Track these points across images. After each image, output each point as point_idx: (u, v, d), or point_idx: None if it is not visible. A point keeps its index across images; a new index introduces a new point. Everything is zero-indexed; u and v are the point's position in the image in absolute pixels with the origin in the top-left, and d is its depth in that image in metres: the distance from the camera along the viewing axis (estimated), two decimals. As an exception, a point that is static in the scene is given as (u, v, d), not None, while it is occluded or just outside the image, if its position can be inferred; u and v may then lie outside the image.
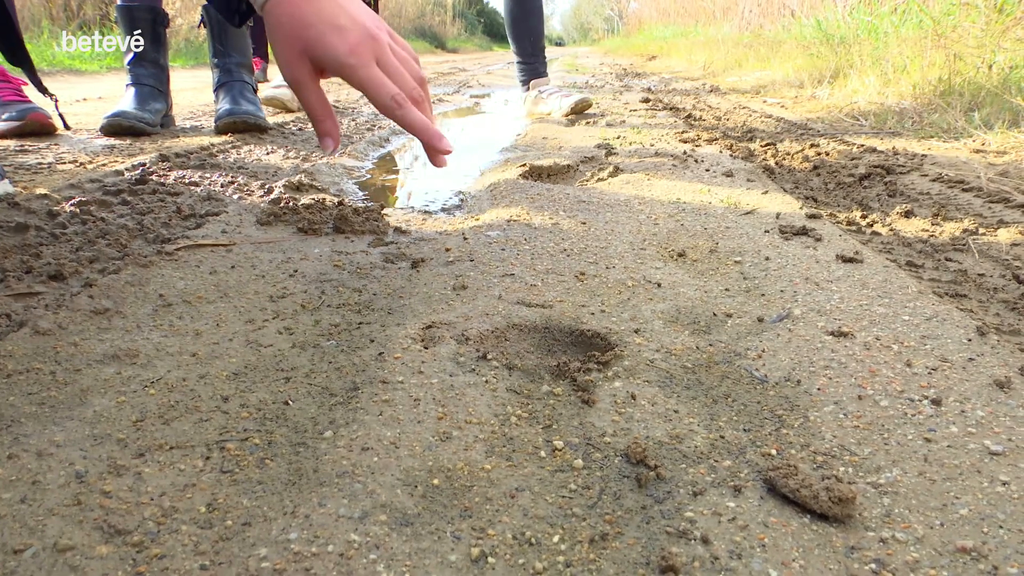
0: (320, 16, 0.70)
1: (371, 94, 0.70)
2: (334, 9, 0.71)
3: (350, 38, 0.69)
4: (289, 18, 0.70)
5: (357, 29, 0.70)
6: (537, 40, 2.56)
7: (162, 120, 1.97)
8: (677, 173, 1.39)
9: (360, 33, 0.70)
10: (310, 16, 0.70)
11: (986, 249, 0.91)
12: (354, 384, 0.55)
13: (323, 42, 0.69)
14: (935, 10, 2.69)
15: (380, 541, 0.38)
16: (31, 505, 0.40)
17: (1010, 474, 0.44)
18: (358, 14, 0.72)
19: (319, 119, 0.74)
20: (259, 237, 0.95)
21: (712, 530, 0.40)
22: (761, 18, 6.48)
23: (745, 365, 0.59)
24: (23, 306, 0.68)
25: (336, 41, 0.69)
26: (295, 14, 0.70)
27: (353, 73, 0.69)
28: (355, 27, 0.70)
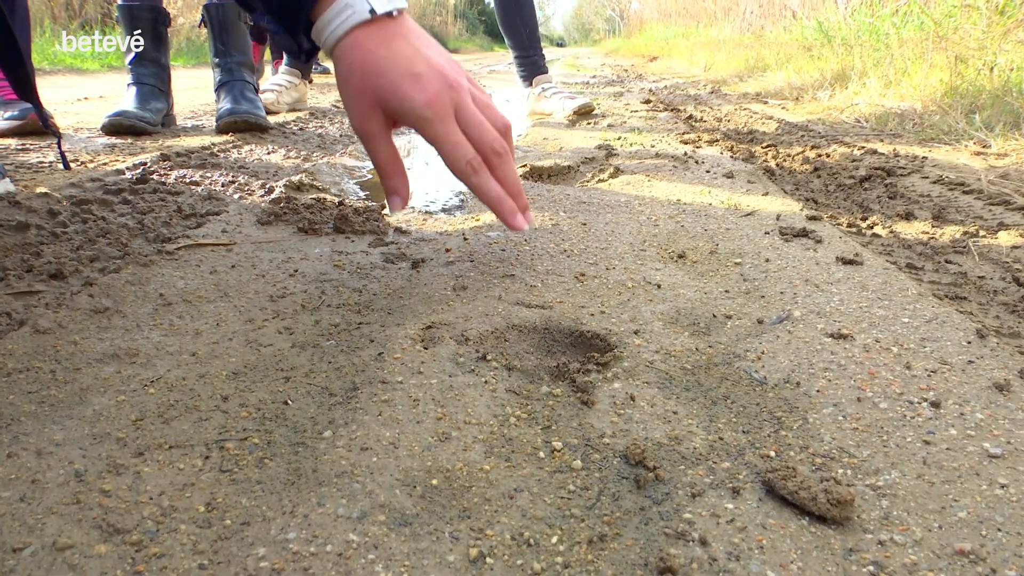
0: (395, 63, 0.65)
1: (446, 154, 0.66)
2: (410, 55, 0.65)
3: (428, 88, 0.64)
4: (361, 65, 0.65)
5: (435, 77, 0.65)
6: (532, 32, 2.51)
7: (163, 119, 1.97)
8: (678, 174, 1.39)
9: (438, 82, 0.65)
10: (384, 63, 0.65)
11: (986, 251, 0.91)
12: (353, 384, 0.55)
13: (398, 93, 0.64)
14: (936, 12, 2.70)
15: (379, 541, 0.38)
16: (30, 504, 0.40)
17: (1009, 477, 0.44)
18: (436, 59, 0.67)
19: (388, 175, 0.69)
20: (259, 237, 0.95)
21: (710, 531, 0.40)
22: (762, 19, 6.48)
23: (744, 367, 0.59)
24: (23, 304, 0.68)
25: (412, 92, 0.64)
26: (368, 60, 0.65)
27: (429, 127, 0.65)
28: (433, 75, 0.65)
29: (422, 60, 0.65)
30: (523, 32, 2.48)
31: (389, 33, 0.66)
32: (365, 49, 0.65)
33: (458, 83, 0.67)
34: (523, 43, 2.50)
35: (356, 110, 0.67)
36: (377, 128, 0.67)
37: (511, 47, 2.54)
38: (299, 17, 0.67)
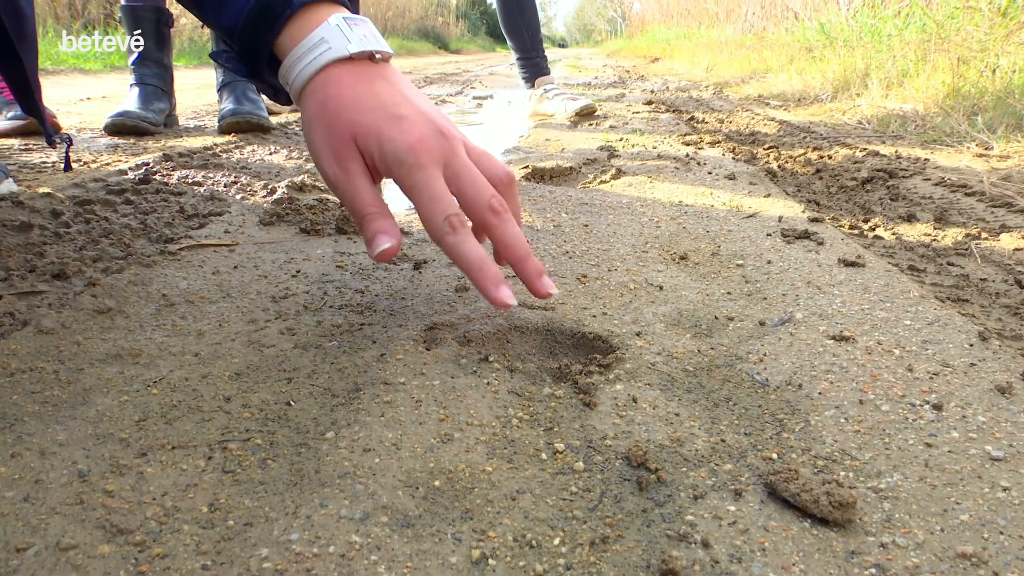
0: (378, 101, 0.56)
1: (422, 207, 0.55)
2: (395, 97, 0.57)
3: (413, 131, 0.55)
4: (336, 99, 0.56)
5: (422, 121, 0.56)
6: (534, 34, 2.51)
7: (166, 120, 1.98)
8: (679, 176, 1.39)
9: (426, 127, 0.56)
10: (363, 100, 0.56)
11: (988, 254, 0.91)
12: (356, 385, 0.55)
13: (379, 130, 0.55)
14: (938, 13, 2.69)
15: (381, 542, 0.38)
16: (33, 504, 0.41)
17: (1011, 480, 0.44)
18: (424, 105, 0.58)
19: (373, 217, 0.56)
20: (262, 237, 0.95)
21: (712, 534, 0.40)
22: (764, 20, 6.48)
23: (746, 369, 0.59)
24: (27, 305, 0.68)
25: (395, 132, 0.55)
26: (344, 95, 0.56)
27: (408, 175, 0.55)
28: (419, 119, 0.56)
29: (408, 104, 0.57)
30: (525, 33, 2.47)
31: (371, 74, 0.58)
32: (342, 84, 0.56)
33: (449, 131, 0.58)
34: (525, 44, 2.50)
35: (329, 149, 0.57)
36: (356, 170, 0.56)
37: (513, 48, 2.54)
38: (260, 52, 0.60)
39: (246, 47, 0.61)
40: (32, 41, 0.84)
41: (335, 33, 0.57)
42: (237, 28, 0.60)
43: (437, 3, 16.94)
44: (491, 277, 0.55)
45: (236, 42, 0.61)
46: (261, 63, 0.61)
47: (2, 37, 0.79)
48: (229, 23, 0.60)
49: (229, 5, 0.59)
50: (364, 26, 0.60)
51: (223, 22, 0.61)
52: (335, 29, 0.57)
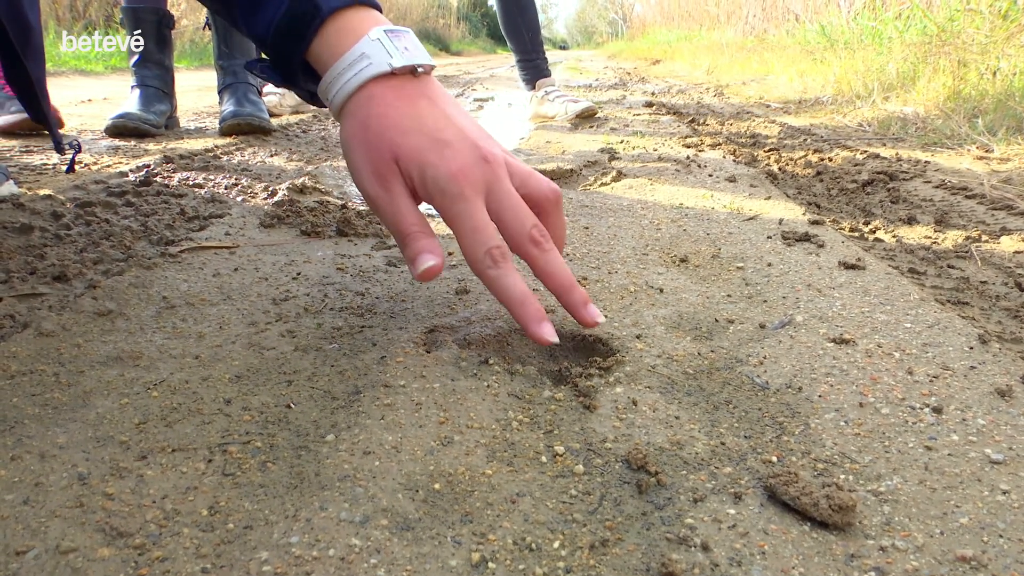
0: (421, 123, 0.55)
1: (463, 238, 0.55)
2: (438, 119, 0.56)
3: (457, 158, 0.54)
4: (379, 119, 0.55)
5: (466, 148, 0.55)
6: (535, 35, 2.50)
7: (166, 121, 1.98)
8: (680, 178, 1.39)
9: (470, 154, 0.55)
10: (406, 121, 0.55)
11: (989, 256, 0.91)
12: (356, 388, 0.55)
13: (422, 156, 0.54)
14: (939, 16, 2.70)
15: (381, 545, 0.38)
16: (33, 507, 0.41)
17: (1011, 483, 0.44)
18: (468, 128, 0.57)
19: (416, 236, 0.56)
20: (262, 240, 0.95)
21: (712, 537, 0.40)
22: (765, 22, 6.48)
23: (746, 371, 0.59)
24: (27, 307, 0.69)
25: (438, 159, 0.54)
26: (387, 115, 0.55)
27: (450, 205, 0.54)
28: (464, 145, 0.55)
29: (452, 127, 0.56)
30: (525, 35, 2.47)
31: (413, 91, 0.57)
32: (384, 102, 0.55)
33: (493, 156, 0.56)
34: (525, 46, 2.49)
35: (370, 169, 0.56)
36: (398, 190, 0.56)
37: (513, 50, 2.54)
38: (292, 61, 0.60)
39: (278, 56, 0.60)
40: (39, 51, 0.84)
41: (376, 47, 0.56)
42: (268, 37, 0.59)
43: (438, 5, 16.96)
44: (533, 315, 0.55)
45: (268, 51, 0.61)
46: (295, 71, 0.61)
47: (8, 48, 0.79)
48: (261, 31, 0.60)
49: (260, 14, 0.59)
50: (406, 37, 0.59)
51: (255, 30, 0.60)
52: (376, 43, 0.56)
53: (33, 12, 0.80)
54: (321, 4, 0.57)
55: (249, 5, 0.60)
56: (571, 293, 0.58)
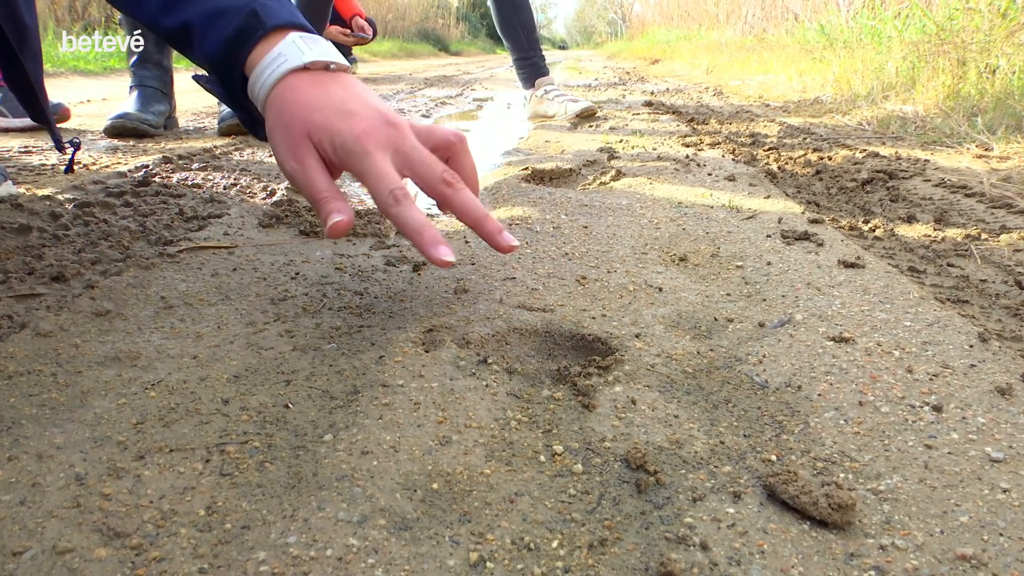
0: (329, 100, 0.62)
1: (371, 186, 0.60)
2: (345, 95, 0.63)
3: (363, 123, 0.61)
4: (292, 103, 0.62)
5: (370, 114, 0.62)
6: (531, 34, 2.48)
7: (165, 122, 1.98)
8: (679, 177, 1.39)
9: (374, 119, 0.62)
10: (316, 100, 0.62)
11: (988, 255, 0.90)
12: (354, 387, 0.55)
13: (329, 126, 0.61)
14: (938, 15, 2.69)
15: (379, 545, 0.38)
16: (30, 507, 0.40)
17: (1011, 481, 0.44)
18: (374, 101, 0.64)
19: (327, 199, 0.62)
20: (261, 239, 0.95)
21: (711, 536, 0.40)
22: (764, 22, 6.48)
23: (746, 370, 0.59)
24: (25, 307, 0.68)
25: (343, 125, 0.61)
26: (298, 99, 0.62)
27: (357, 162, 0.60)
28: (368, 112, 0.62)
29: (358, 100, 0.63)
30: (521, 34, 2.45)
31: (325, 79, 0.64)
32: (297, 89, 0.62)
33: (396, 120, 0.63)
34: (522, 45, 2.48)
35: (287, 145, 0.62)
36: (311, 163, 0.62)
37: (510, 49, 2.52)
38: (233, 73, 0.65)
39: (223, 70, 0.66)
40: (36, 52, 0.85)
41: (291, 48, 0.64)
42: (217, 53, 0.65)
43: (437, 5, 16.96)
44: (429, 239, 0.60)
45: (214, 67, 0.67)
46: (235, 84, 0.67)
47: (6, 48, 0.79)
48: (211, 49, 0.66)
49: (213, 33, 0.65)
50: (321, 43, 0.66)
51: (207, 49, 0.66)
52: (291, 44, 0.64)
53: (29, 13, 0.80)
54: (266, 21, 0.64)
55: (206, 26, 0.66)
56: (484, 223, 0.64)
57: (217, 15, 0.65)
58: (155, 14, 0.68)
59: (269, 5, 0.65)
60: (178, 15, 0.67)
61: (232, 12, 0.65)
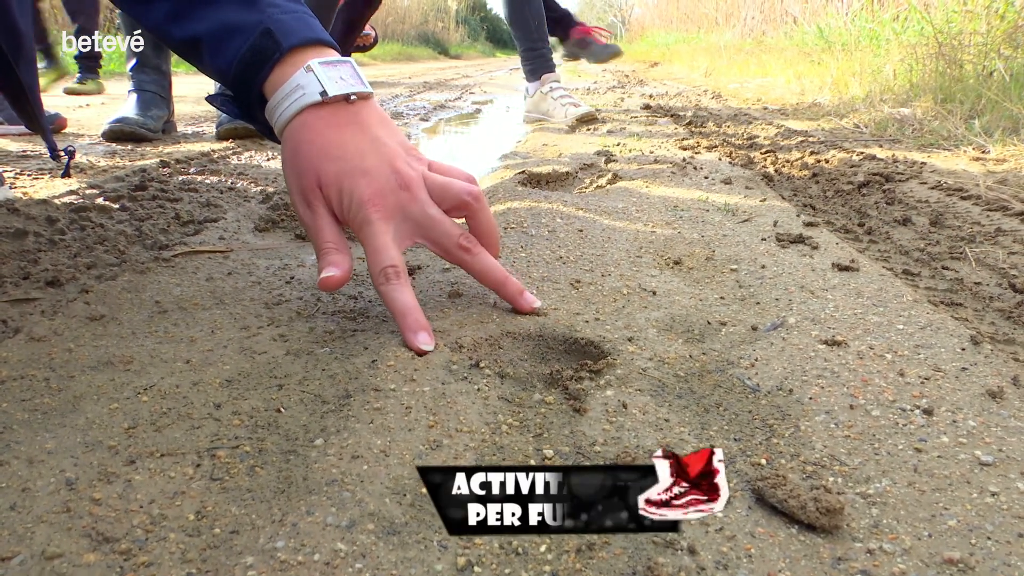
0: (344, 151, 0.61)
1: (368, 256, 0.61)
2: (361, 145, 0.61)
3: (372, 185, 0.60)
4: (307, 146, 0.61)
5: (383, 176, 0.61)
6: (540, 24, 2.44)
7: (164, 126, 1.98)
8: (676, 180, 1.39)
9: (386, 182, 0.61)
10: (332, 148, 0.61)
11: (983, 258, 0.90)
12: (346, 391, 0.55)
13: (340, 182, 0.60)
14: (936, 17, 2.70)
15: (367, 550, 0.38)
16: (20, 512, 0.41)
17: (1000, 485, 0.44)
18: (390, 153, 0.62)
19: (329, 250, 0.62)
20: (256, 243, 0.95)
21: (699, 540, 0.40)
22: (763, 24, 6.49)
23: (738, 374, 0.59)
24: (19, 312, 0.69)
25: (353, 186, 0.60)
26: (315, 142, 0.61)
27: (360, 227, 0.61)
28: (381, 173, 0.61)
29: (374, 153, 0.61)
30: (531, 23, 2.40)
31: (342, 118, 0.62)
32: (313, 130, 0.61)
33: (410, 181, 0.62)
34: (531, 35, 2.43)
35: (298, 191, 0.62)
36: (320, 211, 0.62)
37: (518, 40, 2.47)
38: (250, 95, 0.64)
39: (238, 89, 0.65)
40: (31, 58, 0.84)
41: (310, 78, 0.61)
42: (230, 72, 0.63)
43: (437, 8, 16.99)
44: (411, 324, 0.60)
45: (229, 85, 0.65)
46: (253, 104, 0.65)
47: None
48: (223, 66, 0.64)
49: (224, 50, 0.63)
50: (342, 68, 0.64)
51: (218, 65, 0.64)
52: (310, 75, 0.61)
53: (24, 18, 0.80)
54: (282, 41, 0.62)
55: (217, 42, 0.64)
56: (505, 286, 0.66)
57: (228, 32, 0.63)
58: (161, 22, 0.66)
59: (283, 21, 0.63)
60: (187, 27, 0.65)
61: (244, 30, 0.62)
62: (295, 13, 0.64)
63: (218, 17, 0.63)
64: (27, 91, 0.84)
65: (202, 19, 0.64)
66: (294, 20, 0.64)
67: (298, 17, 0.64)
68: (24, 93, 0.84)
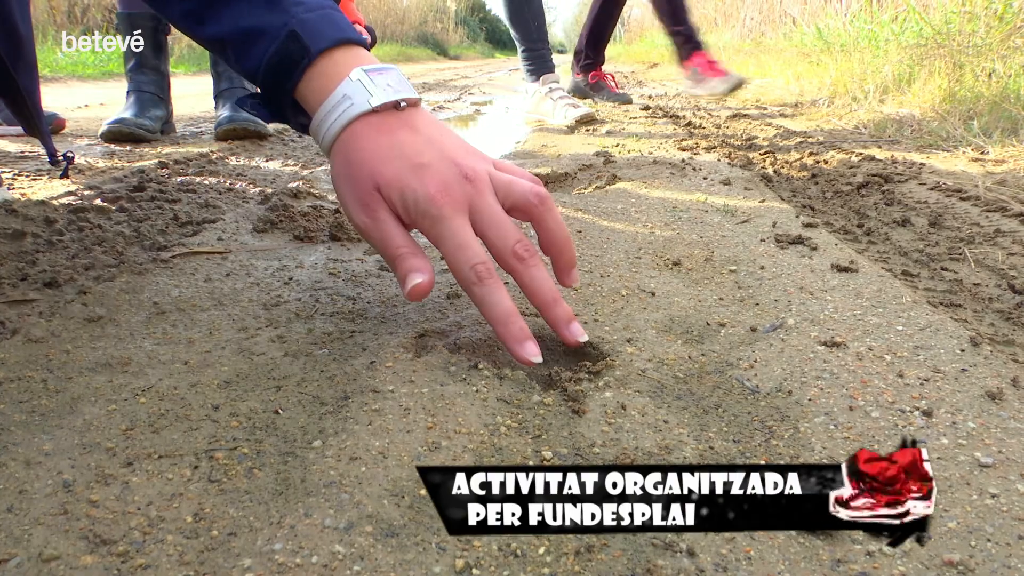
0: (400, 151, 0.56)
1: (449, 257, 0.56)
2: (418, 144, 0.57)
3: (436, 179, 0.55)
4: (360, 153, 0.57)
5: (445, 167, 0.56)
6: (540, 24, 2.42)
7: (162, 127, 1.98)
8: (675, 181, 1.39)
9: (449, 173, 0.56)
10: (386, 150, 0.57)
11: (982, 258, 0.90)
12: (345, 393, 0.55)
13: (401, 181, 0.56)
14: (935, 18, 2.70)
15: (365, 552, 0.38)
16: (17, 515, 0.40)
17: (999, 487, 0.44)
18: (450, 150, 0.58)
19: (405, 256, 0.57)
20: (255, 245, 0.95)
21: (698, 542, 0.39)
22: (763, 25, 6.49)
23: (737, 375, 0.59)
24: (17, 313, 0.68)
25: (415, 182, 0.55)
26: (366, 148, 0.57)
27: (432, 226, 0.55)
28: (442, 165, 0.56)
29: (432, 150, 0.57)
30: (531, 23, 2.39)
31: (395, 124, 0.58)
32: (365, 137, 0.57)
33: (475, 173, 0.57)
34: (531, 35, 2.42)
35: (355, 200, 0.58)
36: (383, 216, 0.57)
37: (518, 40, 2.47)
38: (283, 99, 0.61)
39: (268, 93, 0.62)
40: (30, 62, 0.84)
41: (357, 88, 0.58)
42: (259, 74, 0.61)
43: (436, 9, 16.99)
44: (515, 334, 0.55)
45: (260, 88, 0.62)
46: (285, 108, 0.63)
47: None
48: (251, 69, 0.61)
49: (251, 54, 0.60)
50: (388, 74, 0.60)
51: (246, 68, 0.62)
52: (357, 84, 0.58)
53: (24, 21, 0.79)
54: (310, 45, 0.58)
55: (242, 44, 0.61)
56: (554, 309, 0.58)
57: (252, 35, 0.60)
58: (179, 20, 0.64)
59: (309, 21, 0.59)
60: (208, 28, 0.62)
61: (270, 33, 0.59)
62: (320, 10, 0.61)
63: (239, 18, 0.60)
64: (26, 96, 0.84)
65: (222, 20, 0.61)
66: (320, 20, 0.60)
67: (324, 15, 0.61)
68: (23, 98, 0.84)
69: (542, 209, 0.61)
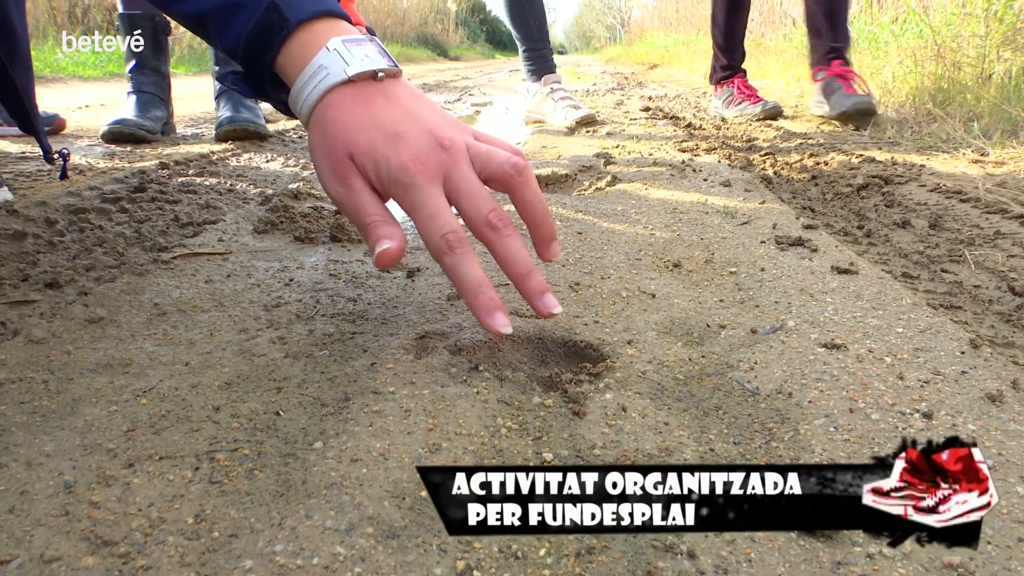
0: (375, 120, 0.56)
1: (420, 225, 0.55)
2: (394, 114, 0.57)
3: (411, 149, 0.55)
4: (335, 123, 0.57)
5: (420, 136, 0.55)
6: (541, 24, 2.41)
7: (163, 127, 1.98)
8: (675, 183, 1.39)
9: (424, 141, 0.55)
10: (361, 120, 0.56)
11: (982, 260, 0.91)
12: (345, 394, 0.55)
13: (375, 150, 0.55)
14: (935, 20, 2.70)
15: (366, 554, 0.38)
16: (19, 516, 0.41)
17: (1000, 489, 0.44)
18: (427, 120, 0.57)
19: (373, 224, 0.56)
20: (255, 246, 0.95)
21: (699, 544, 0.40)
22: (763, 27, 6.50)
23: (737, 377, 0.59)
24: (18, 314, 0.68)
25: (389, 151, 0.55)
26: (342, 118, 0.56)
27: (404, 194, 0.55)
28: (417, 133, 0.56)
29: (408, 119, 0.56)
30: (532, 23, 2.39)
31: (370, 94, 0.57)
32: (341, 107, 0.57)
33: (451, 142, 0.56)
34: (532, 35, 2.42)
35: (330, 168, 0.57)
36: (357, 185, 0.56)
37: (519, 40, 2.47)
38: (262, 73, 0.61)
39: (248, 67, 0.62)
40: (26, 60, 0.84)
41: (334, 58, 0.57)
42: (239, 50, 0.61)
43: (436, 10, 17.00)
44: (484, 303, 0.54)
45: (239, 63, 0.62)
46: (264, 82, 0.62)
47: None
48: (231, 44, 0.61)
49: (231, 27, 0.60)
50: (366, 46, 0.59)
51: (225, 43, 0.62)
52: (333, 54, 0.57)
53: (20, 19, 0.79)
54: (288, 16, 0.58)
55: (221, 20, 0.61)
56: (527, 280, 0.57)
57: (232, 8, 0.59)
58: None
59: None
60: (189, 3, 0.62)
61: (249, 5, 0.59)
62: None
63: None
64: (22, 93, 0.84)
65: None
66: None
67: None
68: (19, 95, 0.84)
69: (519, 180, 0.59)
